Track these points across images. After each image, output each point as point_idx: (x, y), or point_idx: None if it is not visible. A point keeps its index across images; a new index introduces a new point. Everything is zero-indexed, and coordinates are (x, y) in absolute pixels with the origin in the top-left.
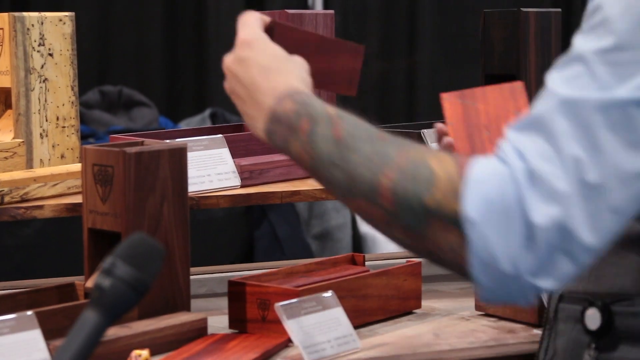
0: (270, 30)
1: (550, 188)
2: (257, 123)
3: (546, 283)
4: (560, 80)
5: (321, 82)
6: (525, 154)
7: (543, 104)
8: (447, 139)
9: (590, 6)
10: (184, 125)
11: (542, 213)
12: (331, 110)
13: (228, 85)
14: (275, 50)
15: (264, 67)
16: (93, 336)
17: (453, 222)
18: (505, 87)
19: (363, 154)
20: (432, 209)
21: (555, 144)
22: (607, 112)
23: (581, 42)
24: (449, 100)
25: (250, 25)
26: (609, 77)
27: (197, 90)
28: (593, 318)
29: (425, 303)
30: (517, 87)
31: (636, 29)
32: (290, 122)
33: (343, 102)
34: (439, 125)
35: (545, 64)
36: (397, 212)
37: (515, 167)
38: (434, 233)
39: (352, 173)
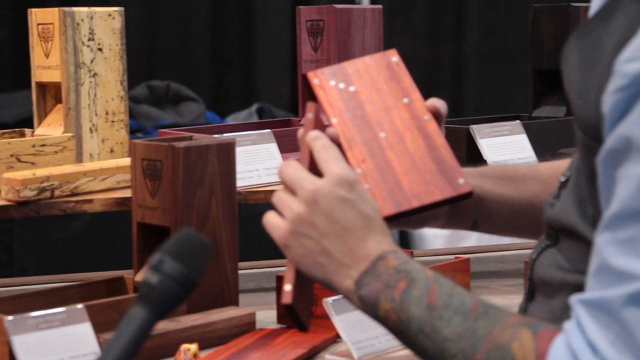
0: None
1: None
2: (344, 270)
3: None
4: (614, 246)
5: None
6: (599, 349)
7: (603, 279)
8: (330, 131)
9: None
10: (230, 120)
11: None
12: (429, 273)
13: (307, 215)
14: (372, 201)
15: (365, 215)
16: (141, 333)
17: None
18: (378, 57)
19: (454, 329)
20: None
21: (629, 339)
22: None
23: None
24: (321, 84)
25: (341, 159)
26: None
27: (243, 85)
28: None
29: None
30: (392, 58)
31: None
32: (389, 279)
33: None
34: (329, 130)
35: None
36: None
37: None
38: None
39: (441, 347)
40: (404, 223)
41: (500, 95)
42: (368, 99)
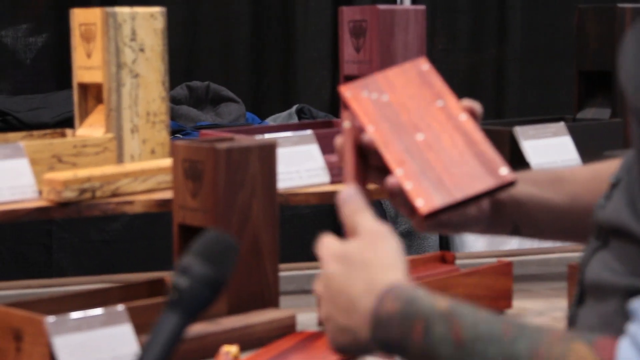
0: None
1: None
2: (359, 340)
3: None
4: None
5: None
6: None
7: None
8: (366, 138)
9: None
10: (270, 121)
11: None
12: (442, 304)
13: (324, 298)
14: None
15: (357, 272)
16: (173, 337)
17: None
18: (408, 67)
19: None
20: None
21: None
22: None
23: None
24: (354, 96)
25: (366, 212)
26: None
27: (283, 86)
28: None
29: (516, 303)
30: (423, 66)
31: None
32: (401, 329)
33: None
34: (364, 136)
35: None
36: None
37: None
38: None
39: None
40: (445, 224)
41: (543, 97)
42: (402, 106)
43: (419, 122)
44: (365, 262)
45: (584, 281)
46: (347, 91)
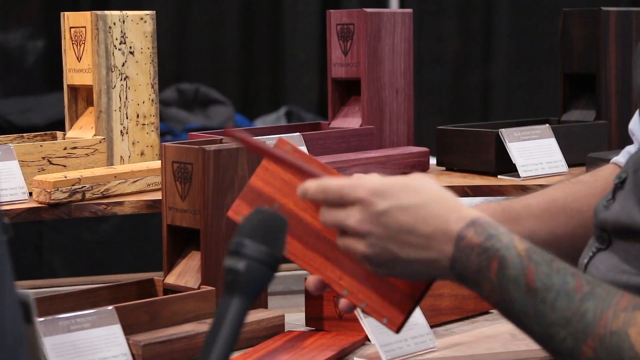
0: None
1: None
2: (435, 261)
3: None
4: None
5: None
6: None
7: None
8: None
9: None
10: (259, 123)
11: None
12: (521, 247)
13: (377, 247)
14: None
15: (432, 194)
16: (237, 321)
17: None
18: (266, 165)
19: (560, 313)
20: None
21: None
22: None
23: None
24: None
25: (370, 175)
26: None
27: (272, 89)
28: None
29: None
30: (287, 147)
31: None
32: (479, 261)
33: (418, 101)
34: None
35: (625, 64)
36: None
37: None
38: None
39: (549, 331)
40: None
41: (529, 99)
42: (296, 207)
43: (322, 226)
44: (441, 195)
45: None
46: (239, 217)
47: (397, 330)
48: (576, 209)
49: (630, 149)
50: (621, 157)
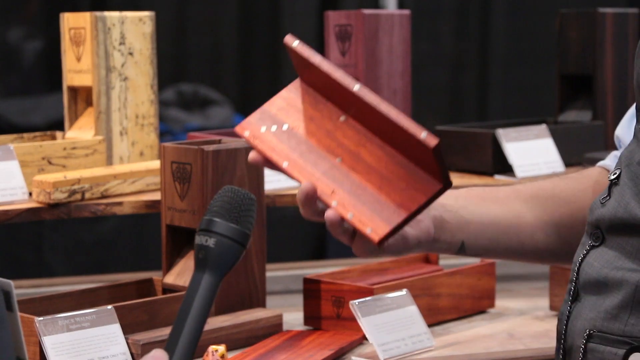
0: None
1: None
2: None
3: None
4: None
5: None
6: None
7: None
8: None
9: None
10: None
11: None
12: None
13: None
14: None
15: None
16: (208, 297)
17: None
18: (293, 86)
19: None
20: None
21: None
22: None
23: None
24: (253, 134)
25: None
26: None
27: (271, 89)
28: None
29: (499, 302)
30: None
31: None
32: None
33: (416, 102)
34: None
35: (621, 65)
36: None
37: None
38: None
39: None
40: (385, 250)
41: (525, 100)
42: (306, 131)
43: (330, 144)
44: None
45: (579, 279)
46: (244, 131)
47: (379, 241)
48: (564, 198)
49: (617, 154)
50: (608, 161)
